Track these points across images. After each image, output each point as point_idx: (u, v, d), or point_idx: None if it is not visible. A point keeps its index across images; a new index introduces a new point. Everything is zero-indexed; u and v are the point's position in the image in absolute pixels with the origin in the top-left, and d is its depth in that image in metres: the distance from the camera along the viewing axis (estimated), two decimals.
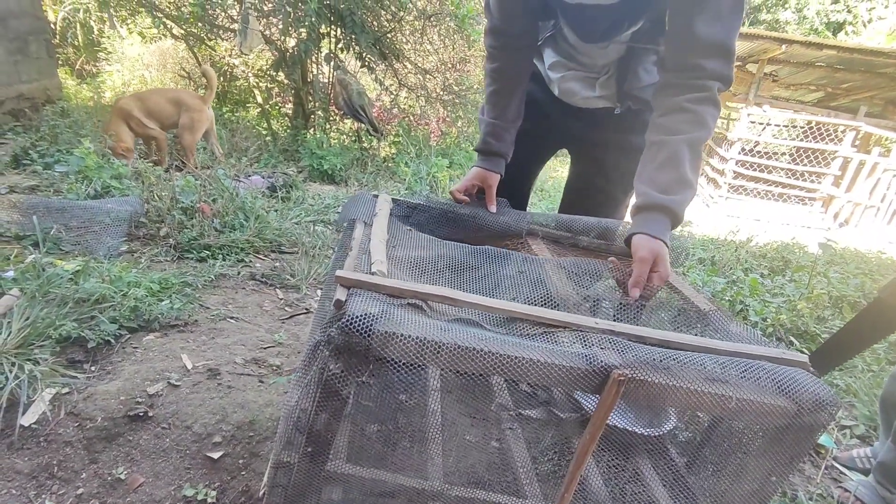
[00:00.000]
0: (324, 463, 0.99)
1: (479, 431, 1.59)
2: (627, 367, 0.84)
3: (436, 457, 1.29)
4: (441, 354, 0.82)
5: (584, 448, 0.91)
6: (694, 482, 1.35)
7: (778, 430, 0.97)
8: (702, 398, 0.87)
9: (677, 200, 1.14)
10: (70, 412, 1.44)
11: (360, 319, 0.80)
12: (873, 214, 7.90)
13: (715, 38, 1.10)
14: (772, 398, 0.91)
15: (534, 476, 1.31)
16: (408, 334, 0.82)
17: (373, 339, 0.80)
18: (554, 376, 0.84)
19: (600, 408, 0.86)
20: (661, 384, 0.86)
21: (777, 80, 8.74)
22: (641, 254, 1.13)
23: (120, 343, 1.72)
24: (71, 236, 2.35)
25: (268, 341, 1.89)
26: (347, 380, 0.87)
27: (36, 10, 4.86)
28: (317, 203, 3.61)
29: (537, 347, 0.86)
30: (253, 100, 7.30)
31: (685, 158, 1.14)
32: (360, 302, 0.86)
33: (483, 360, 0.83)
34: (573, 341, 0.92)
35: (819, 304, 2.92)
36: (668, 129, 1.16)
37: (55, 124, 3.98)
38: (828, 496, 1.73)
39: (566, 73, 1.44)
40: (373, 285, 0.92)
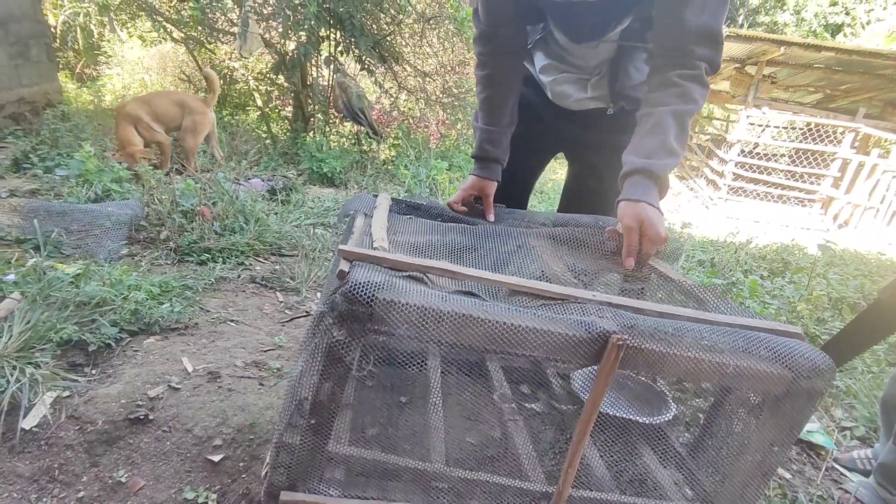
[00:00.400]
0: (327, 437, 0.99)
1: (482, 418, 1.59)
2: (626, 332, 0.85)
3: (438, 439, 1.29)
4: (442, 322, 0.82)
5: (585, 418, 0.92)
6: (700, 458, 1.35)
7: (776, 399, 0.98)
8: (700, 365, 0.88)
9: (660, 164, 1.14)
10: (71, 415, 1.44)
11: (363, 287, 0.81)
12: (873, 216, 7.90)
13: (703, 27, 1.12)
14: (768, 366, 0.92)
15: (536, 459, 1.32)
16: (409, 302, 0.82)
17: (375, 305, 0.81)
18: (553, 344, 0.85)
19: (600, 374, 0.87)
20: (660, 351, 0.86)
21: (776, 81, 8.76)
22: (626, 221, 1.14)
23: (120, 346, 1.72)
24: (71, 240, 2.35)
25: (268, 344, 1.89)
26: (351, 347, 0.87)
27: (37, 13, 4.87)
28: (317, 206, 3.61)
29: (537, 315, 0.87)
30: (253, 103, 7.32)
31: (670, 127, 1.14)
32: (362, 272, 0.87)
33: (483, 328, 0.83)
34: (572, 311, 0.92)
35: (819, 305, 2.92)
36: (655, 101, 1.18)
37: (55, 128, 3.99)
38: (828, 497, 1.73)
39: (558, 76, 1.44)
40: (375, 258, 0.93)
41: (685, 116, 1.16)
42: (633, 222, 1.13)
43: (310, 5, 4.64)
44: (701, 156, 9.84)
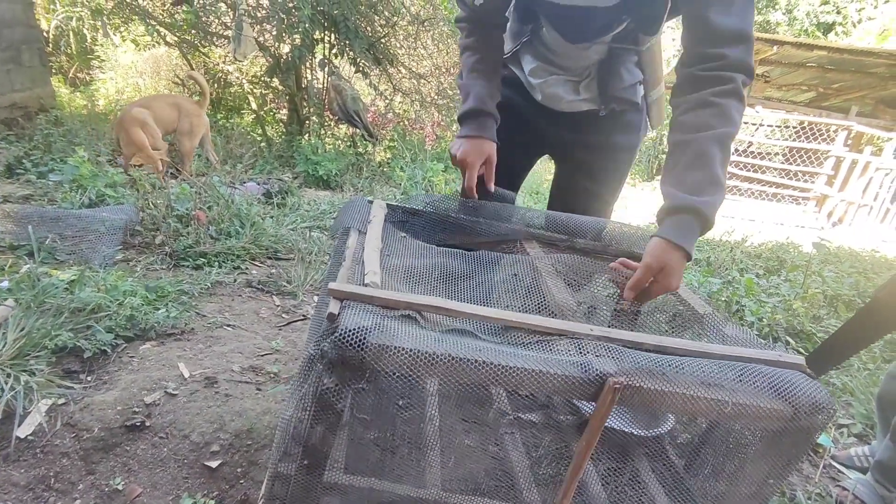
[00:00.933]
0: (321, 475, 0.99)
1: (477, 437, 1.59)
2: (623, 375, 0.85)
3: (434, 464, 1.29)
4: (435, 366, 0.82)
5: (580, 455, 0.92)
6: (692, 484, 1.36)
7: (775, 434, 0.98)
8: (698, 403, 0.87)
9: (709, 202, 1.04)
10: (66, 423, 1.43)
11: (353, 332, 0.80)
12: (866, 213, 7.95)
13: (732, 26, 1.05)
14: (768, 402, 0.91)
15: (532, 482, 1.31)
16: (401, 346, 0.81)
17: (366, 352, 0.80)
18: (549, 385, 0.84)
19: (596, 416, 0.86)
20: (657, 390, 0.86)
21: (769, 80, 8.80)
22: (647, 259, 1.07)
23: (116, 352, 1.71)
24: (66, 245, 2.34)
25: (265, 349, 1.89)
26: (342, 393, 0.87)
27: (29, 18, 4.85)
28: (312, 209, 3.60)
29: (532, 357, 0.86)
30: (248, 106, 7.29)
31: (715, 156, 1.05)
32: (353, 314, 0.85)
33: (478, 370, 0.82)
34: (568, 349, 0.92)
35: (814, 303, 2.94)
36: (693, 125, 1.08)
37: (49, 133, 3.97)
38: (826, 495, 1.74)
39: (548, 78, 1.43)
40: (366, 297, 0.91)
41: (727, 140, 1.06)
42: (655, 263, 1.06)
43: (304, 8, 4.64)
44: None
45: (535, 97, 1.47)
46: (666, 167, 1.13)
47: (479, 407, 1.63)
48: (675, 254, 1.05)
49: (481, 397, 1.58)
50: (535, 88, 1.46)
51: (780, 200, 8.63)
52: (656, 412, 1.61)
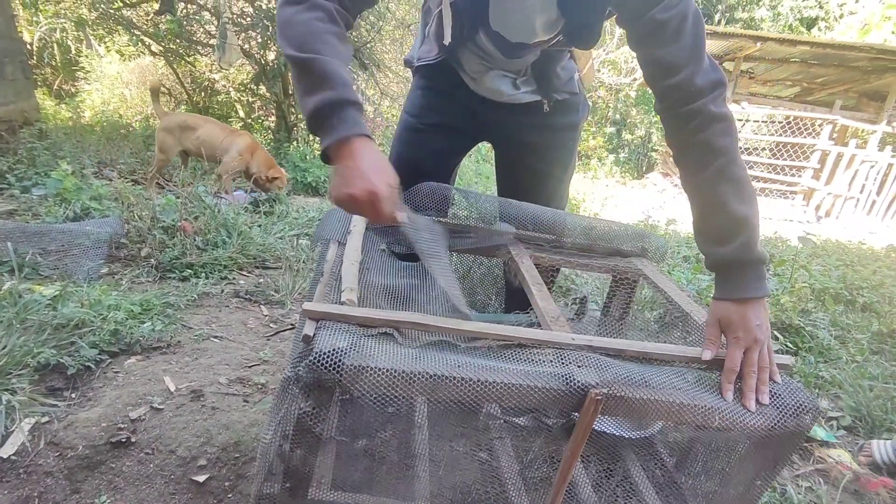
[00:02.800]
0: (305, 495, 0.98)
1: (467, 443, 1.59)
2: (605, 385, 0.84)
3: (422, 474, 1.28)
4: (413, 384, 0.81)
5: (566, 463, 0.91)
6: (682, 484, 1.36)
7: (761, 436, 0.98)
8: (683, 410, 0.88)
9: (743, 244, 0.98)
10: (50, 441, 1.41)
11: (328, 356, 0.79)
12: (853, 206, 8.02)
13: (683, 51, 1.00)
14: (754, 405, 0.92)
15: (522, 487, 1.31)
16: (378, 367, 0.81)
17: (343, 373, 0.79)
18: (531, 399, 0.84)
19: (579, 426, 0.86)
20: (641, 398, 0.86)
21: (753, 76, 8.88)
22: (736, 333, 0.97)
23: (101, 368, 1.69)
24: (49, 261, 2.32)
25: (252, 359, 1.87)
26: (319, 416, 0.86)
27: (10, 31, 4.80)
28: (301, 216, 3.59)
29: (514, 371, 0.86)
30: (235, 114, 7.28)
31: (727, 195, 0.99)
32: (328, 336, 0.84)
33: (457, 387, 0.82)
34: (550, 360, 0.91)
35: (802, 297, 2.95)
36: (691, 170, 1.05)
37: (32, 146, 3.93)
38: (817, 488, 1.75)
39: (489, 73, 1.43)
40: (342, 316, 0.90)
41: (727, 168, 0.99)
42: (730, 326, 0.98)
43: None
44: None
45: (476, 91, 1.46)
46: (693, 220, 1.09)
47: (466, 417, 1.62)
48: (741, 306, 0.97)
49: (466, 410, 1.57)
50: (476, 81, 1.44)
51: (768, 195, 8.70)
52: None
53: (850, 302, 3.32)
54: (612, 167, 11.23)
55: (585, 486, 1.35)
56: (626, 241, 1.61)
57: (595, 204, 6.98)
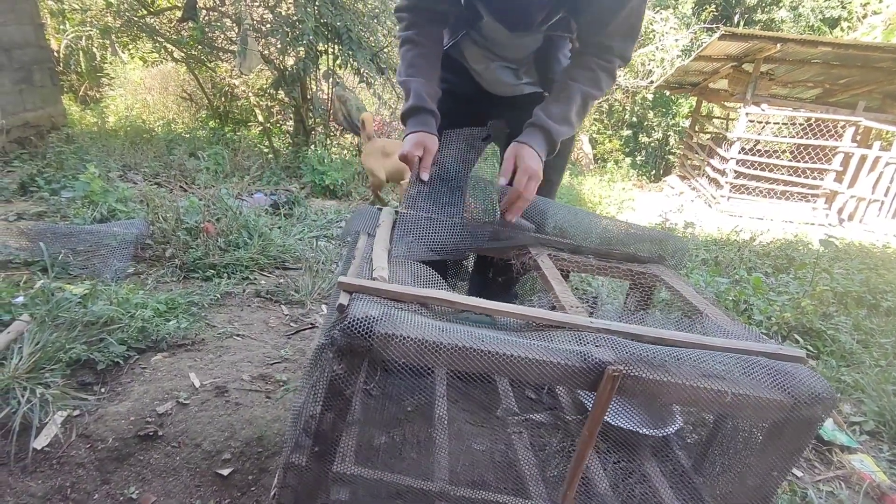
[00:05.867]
0: (331, 462, 1.02)
1: (486, 436, 1.61)
2: (622, 363, 0.86)
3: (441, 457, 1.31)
4: (440, 354, 0.85)
5: (583, 445, 0.93)
6: (698, 479, 1.36)
7: (776, 425, 0.98)
8: (698, 393, 0.89)
9: (557, 130, 1.35)
10: (81, 434, 1.46)
11: (361, 322, 0.84)
12: (877, 209, 7.87)
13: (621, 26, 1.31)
14: (768, 392, 0.93)
15: (539, 476, 1.33)
16: (407, 335, 0.85)
17: (374, 340, 0.84)
18: (550, 374, 0.87)
19: (597, 404, 0.88)
20: (657, 380, 0.87)
21: (774, 78, 8.76)
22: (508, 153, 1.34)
23: (129, 364, 1.74)
24: (78, 260, 2.39)
25: (274, 357, 1.91)
26: (350, 380, 0.90)
27: (39, 39, 4.95)
28: (319, 218, 3.64)
29: (533, 346, 0.89)
30: (254, 118, 7.39)
31: (575, 102, 1.36)
32: (361, 305, 0.89)
33: (480, 359, 0.85)
34: (570, 339, 0.94)
35: (823, 300, 2.92)
36: (571, 76, 1.37)
37: (60, 150, 4.05)
38: (838, 493, 1.73)
39: (490, 65, 1.52)
40: (374, 290, 0.95)
41: (588, 99, 1.38)
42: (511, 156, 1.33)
43: (307, 21, 4.70)
44: (702, 155, 9.83)
45: (479, 83, 1.58)
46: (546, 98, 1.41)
47: (487, 405, 1.64)
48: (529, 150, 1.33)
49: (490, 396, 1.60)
50: (480, 74, 1.56)
51: (789, 198, 8.57)
52: (663, 412, 1.62)
53: (873, 306, 3.27)
54: (628, 170, 11.16)
55: (602, 482, 1.36)
56: (644, 245, 1.61)
57: (612, 207, 6.95)
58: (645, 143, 12.67)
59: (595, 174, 10.09)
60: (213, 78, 7.15)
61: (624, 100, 12.50)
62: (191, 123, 7.12)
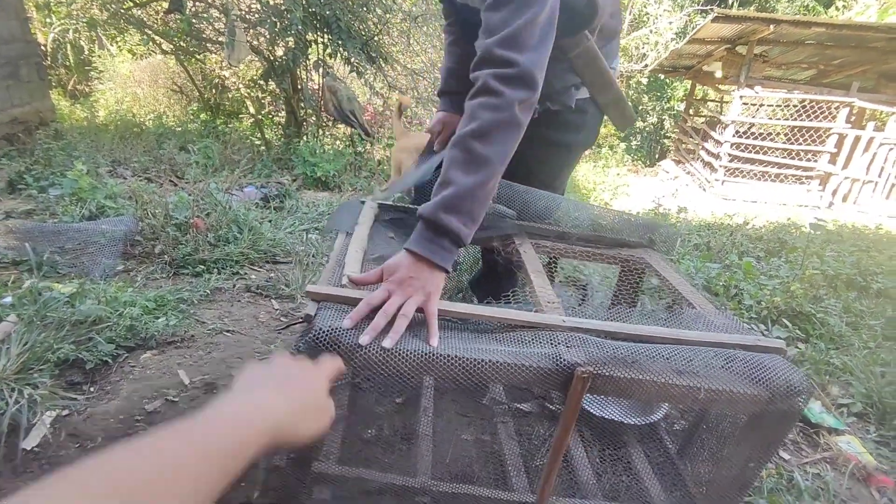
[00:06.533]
0: (309, 467, 1.03)
1: (472, 427, 1.62)
2: (592, 364, 0.87)
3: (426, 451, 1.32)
4: (407, 362, 0.85)
5: (558, 442, 0.94)
6: (682, 466, 1.38)
7: (753, 418, 0.99)
8: (670, 391, 0.89)
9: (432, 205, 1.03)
10: (71, 434, 1.47)
11: (326, 333, 0.84)
12: (871, 190, 7.88)
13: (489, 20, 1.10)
14: (743, 387, 0.93)
15: (522, 467, 1.34)
16: (374, 345, 0.85)
17: (340, 351, 0.83)
18: (521, 378, 0.87)
19: (567, 405, 0.89)
20: (629, 378, 0.88)
21: (767, 60, 8.71)
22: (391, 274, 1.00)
23: (118, 363, 1.75)
24: (67, 259, 2.38)
25: (264, 352, 1.92)
26: None
27: (25, 34, 4.89)
28: (311, 211, 3.63)
29: (503, 351, 0.89)
30: (246, 110, 7.34)
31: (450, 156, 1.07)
32: (328, 316, 0.89)
33: (449, 365, 0.86)
34: (542, 340, 0.94)
35: (813, 283, 2.93)
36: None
37: (48, 147, 4.02)
38: (825, 476, 1.75)
39: None
40: (343, 298, 0.94)
41: (466, 141, 1.06)
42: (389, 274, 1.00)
43: (296, 11, 4.65)
44: (697, 138, 9.81)
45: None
46: None
47: (473, 395, 1.65)
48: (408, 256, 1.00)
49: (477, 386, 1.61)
50: None
51: (784, 181, 8.57)
52: (649, 402, 1.63)
53: (863, 288, 3.28)
54: (623, 155, 11.13)
55: (585, 469, 1.38)
56: (633, 232, 1.61)
57: (606, 193, 6.95)
58: (640, 128, 12.63)
59: (589, 160, 10.06)
60: (203, 70, 7.08)
61: (618, 84, 12.43)
62: (182, 116, 7.06)
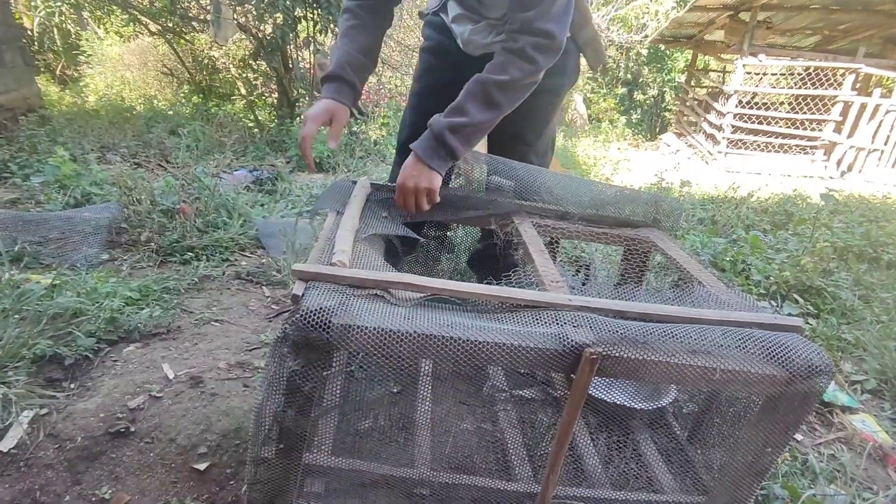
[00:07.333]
0: (299, 457, 0.96)
1: (472, 415, 1.55)
2: (601, 345, 0.79)
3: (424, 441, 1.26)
4: (403, 344, 0.78)
5: (564, 428, 0.87)
6: (692, 451, 1.30)
7: (770, 400, 0.92)
8: (684, 371, 0.82)
9: (442, 123, 1.26)
10: (49, 433, 1.40)
11: (315, 314, 0.77)
12: (877, 158, 7.73)
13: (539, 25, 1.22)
14: (761, 367, 0.86)
15: (525, 456, 1.28)
16: (367, 325, 0.79)
17: (330, 332, 0.77)
18: (525, 359, 0.80)
19: (575, 388, 0.81)
20: (640, 359, 0.80)
21: (771, 27, 8.48)
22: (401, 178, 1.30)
23: (99, 357, 1.67)
24: (50, 249, 2.30)
25: (253, 342, 1.84)
26: (309, 376, 0.84)
27: (7, 17, 4.73)
28: (304, 193, 3.53)
29: (506, 331, 0.82)
30: (237, 92, 7.17)
31: (472, 91, 1.27)
32: (317, 296, 0.82)
33: (448, 347, 0.78)
34: (546, 320, 0.86)
35: (823, 256, 2.84)
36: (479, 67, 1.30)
37: (33, 133, 3.90)
38: (840, 456, 1.68)
39: (471, 27, 1.48)
40: (332, 277, 0.87)
41: (490, 86, 1.26)
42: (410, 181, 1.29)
43: None
44: (698, 110, 9.62)
45: (463, 49, 1.54)
46: None
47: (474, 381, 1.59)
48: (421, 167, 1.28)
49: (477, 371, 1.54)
50: (457, 36, 1.52)
51: (788, 151, 8.41)
52: (658, 385, 1.56)
53: (874, 259, 3.19)
54: (624, 129, 10.94)
55: (592, 458, 1.31)
56: (637, 209, 1.53)
57: (607, 168, 6.82)
58: (640, 101, 12.41)
59: (589, 135, 9.89)
60: (193, 51, 6.90)
61: (618, 56, 12.17)
62: (173, 99, 6.90)
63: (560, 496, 1.11)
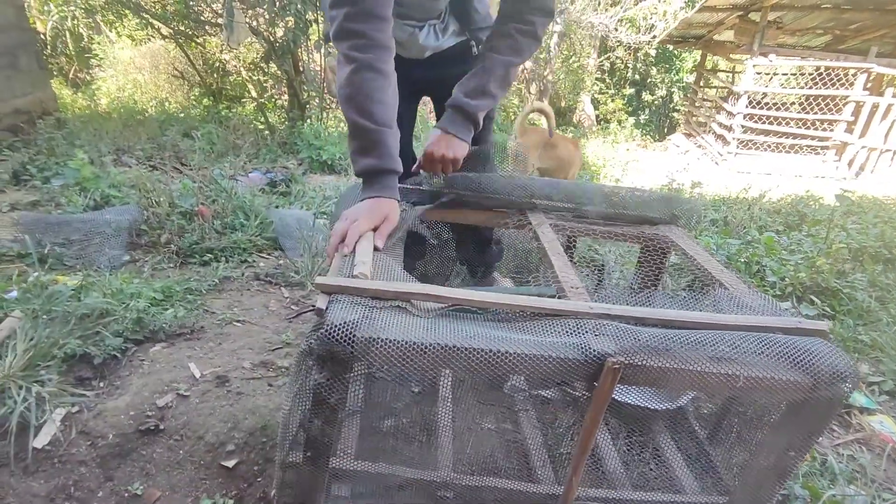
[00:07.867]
0: (326, 463, 0.98)
1: (492, 415, 1.57)
2: (623, 354, 0.80)
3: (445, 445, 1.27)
4: (426, 356, 0.80)
5: (586, 434, 0.88)
6: (713, 452, 1.31)
7: (794, 406, 0.93)
8: (707, 379, 0.83)
9: (473, 105, 1.35)
10: (81, 431, 1.43)
11: (339, 328, 0.79)
12: (889, 159, 7.68)
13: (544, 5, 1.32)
14: (785, 373, 0.87)
15: (546, 458, 1.29)
16: (390, 338, 0.80)
17: (354, 346, 0.79)
18: (546, 370, 0.81)
19: (597, 398, 0.83)
20: (662, 367, 0.82)
21: (781, 26, 8.43)
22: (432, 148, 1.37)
23: (127, 356, 1.70)
24: (73, 250, 2.34)
25: (275, 342, 1.87)
26: (335, 388, 0.86)
27: (21, 22, 4.80)
28: (318, 195, 3.56)
29: (527, 341, 0.83)
30: (248, 94, 7.23)
31: (493, 73, 1.35)
32: (340, 309, 0.83)
33: (469, 358, 0.80)
34: (568, 329, 0.87)
35: (839, 258, 2.83)
36: (491, 47, 1.36)
37: (51, 136, 3.96)
38: (859, 457, 1.69)
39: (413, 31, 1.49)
40: (354, 289, 0.89)
41: (509, 67, 1.36)
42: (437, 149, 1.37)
43: None
44: (708, 110, 9.58)
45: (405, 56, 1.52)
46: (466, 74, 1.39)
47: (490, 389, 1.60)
48: (446, 137, 1.37)
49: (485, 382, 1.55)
50: (403, 45, 1.51)
51: (798, 151, 8.36)
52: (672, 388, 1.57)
53: (889, 261, 3.18)
54: (632, 130, 10.91)
55: (613, 459, 1.32)
56: (654, 207, 1.54)
57: (616, 169, 6.81)
58: (648, 102, 12.37)
59: (598, 136, 9.88)
60: (204, 54, 6.96)
61: (626, 57, 12.14)
62: (184, 102, 6.96)
63: (581, 497, 1.13)
